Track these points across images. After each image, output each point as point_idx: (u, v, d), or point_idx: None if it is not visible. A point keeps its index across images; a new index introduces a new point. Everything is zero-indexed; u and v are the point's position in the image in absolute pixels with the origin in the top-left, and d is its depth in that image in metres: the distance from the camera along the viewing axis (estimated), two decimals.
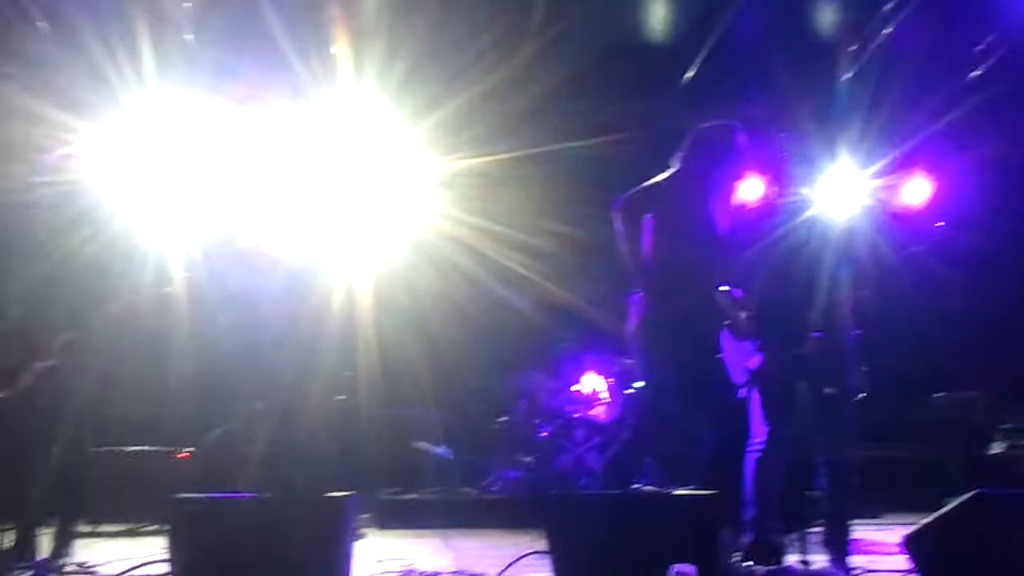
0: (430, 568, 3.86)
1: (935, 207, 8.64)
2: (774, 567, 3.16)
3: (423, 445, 7.06)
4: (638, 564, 3.03)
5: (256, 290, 5.41)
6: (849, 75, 7.82)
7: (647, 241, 3.85)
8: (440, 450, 7.07)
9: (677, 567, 2.41)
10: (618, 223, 3.81)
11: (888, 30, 7.22)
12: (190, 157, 5.70)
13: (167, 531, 3.11)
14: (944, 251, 8.42)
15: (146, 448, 6.23)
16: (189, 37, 6.15)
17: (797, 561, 3.63)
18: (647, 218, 3.85)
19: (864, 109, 7.64)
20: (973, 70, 7.26)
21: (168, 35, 6.04)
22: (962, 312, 8.01)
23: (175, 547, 3.07)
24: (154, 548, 3.58)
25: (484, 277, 7.54)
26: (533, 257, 7.43)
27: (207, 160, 5.85)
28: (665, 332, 3.71)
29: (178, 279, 4.92)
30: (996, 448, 7.62)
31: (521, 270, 7.42)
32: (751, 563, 3.40)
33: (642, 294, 3.80)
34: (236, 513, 3.07)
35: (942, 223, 6.99)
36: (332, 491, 3.29)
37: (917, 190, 8.77)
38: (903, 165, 8.67)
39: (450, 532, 5.58)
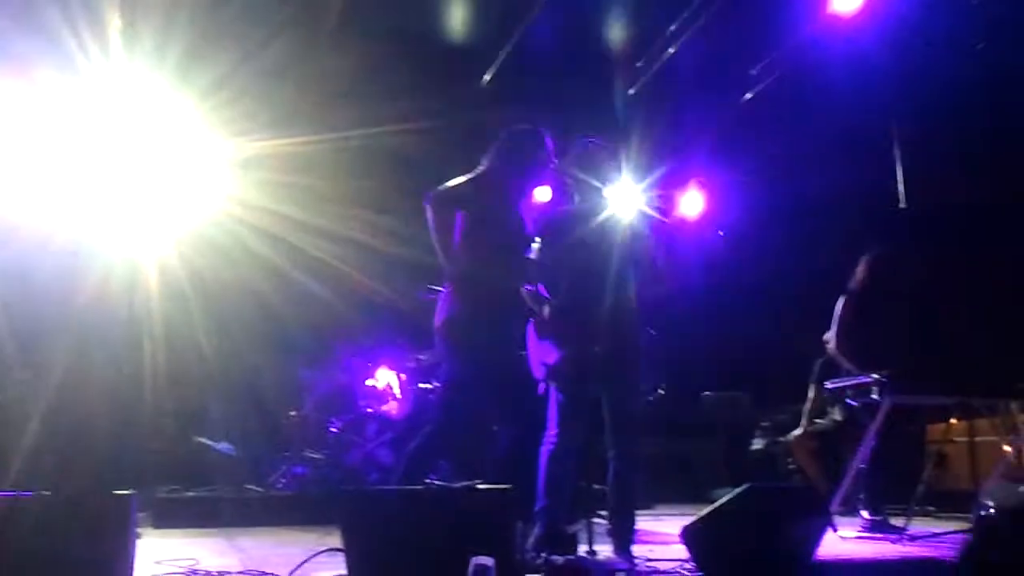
0: (215, 568, 3.70)
1: (708, 219, 9.26)
2: (567, 556, 3.26)
3: (205, 440, 6.77)
4: (434, 559, 3.05)
5: (27, 268, 5.01)
6: (632, 90, 8.22)
7: (457, 236, 3.88)
8: (223, 446, 6.81)
9: (476, 560, 2.44)
10: (430, 217, 3.82)
11: (672, 49, 7.65)
12: None
13: None
14: (713, 260, 9.03)
15: None
16: None
17: (585, 551, 3.77)
18: (458, 214, 3.88)
19: (644, 123, 8.06)
20: (746, 91, 7.81)
21: None
22: (728, 316, 8.59)
23: None
24: None
25: (278, 265, 7.34)
26: (333, 246, 7.30)
27: None
28: (471, 327, 3.75)
29: None
30: (757, 444, 8.23)
31: (319, 259, 7.28)
32: (544, 553, 3.50)
33: (450, 289, 3.82)
34: (10, 511, 2.82)
35: (722, 232, 7.49)
36: (105, 486, 3.09)
37: (692, 202, 9.40)
38: (679, 178, 9.24)
39: (234, 531, 5.39)
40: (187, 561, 3.80)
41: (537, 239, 4.07)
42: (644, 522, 5.08)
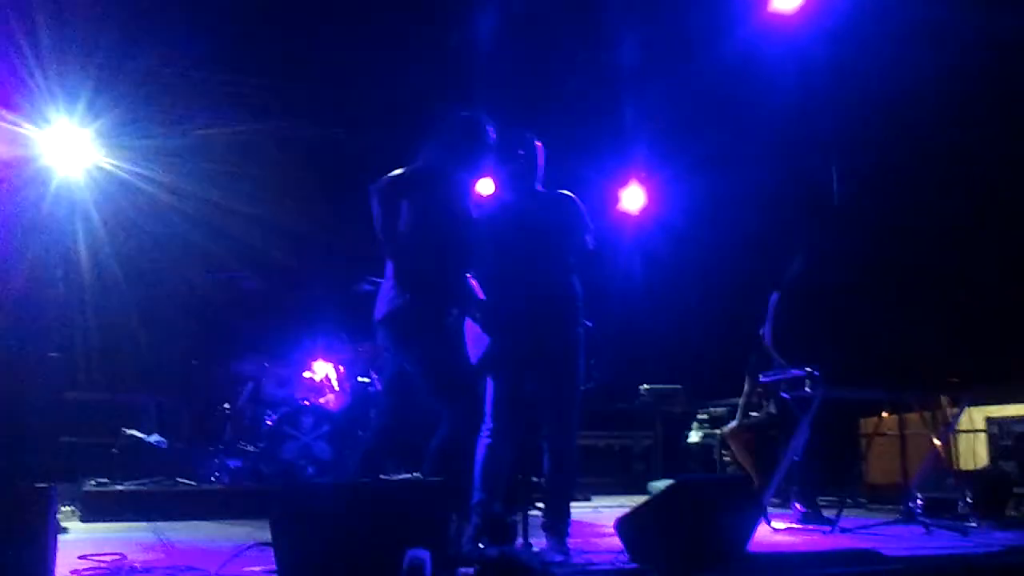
0: (141, 562, 3.60)
1: (648, 213, 9.33)
2: (504, 547, 3.24)
3: (134, 433, 6.61)
4: (366, 552, 3.01)
5: None
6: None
7: (402, 227, 3.83)
8: (152, 438, 6.65)
9: (411, 552, 2.41)
10: (375, 207, 3.75)
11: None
12: None
13: None
14: (653, 254, 9.11)
15: None
16: None
17: (520, 543, 3.76)
18: (403, 204, 3.83)
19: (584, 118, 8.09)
20: (687, 87, 7.87)
21: None
22: (664, 310, 8.67)
23: None
24: None
25: (220, 255, 7.21)
26: (269, 236, 7.20)
27: None
28: (415, 319, 3.70)
29: None
30: (693, 436, 8.31)
31: (254, 249, 7.17)
32: (481, 544, 3.48)
33: (393, 280, 3.77)
34: None
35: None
36: (31, 477, 2.99)
37: (633, 197, 9.47)
38: (621, 174, 9.29)
39: (164, 525, 5.27)
40: (112, 556, 3.70)
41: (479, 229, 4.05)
42: (581, 514, 5.09)
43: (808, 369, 5.04)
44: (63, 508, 5.57)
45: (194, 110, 7.44)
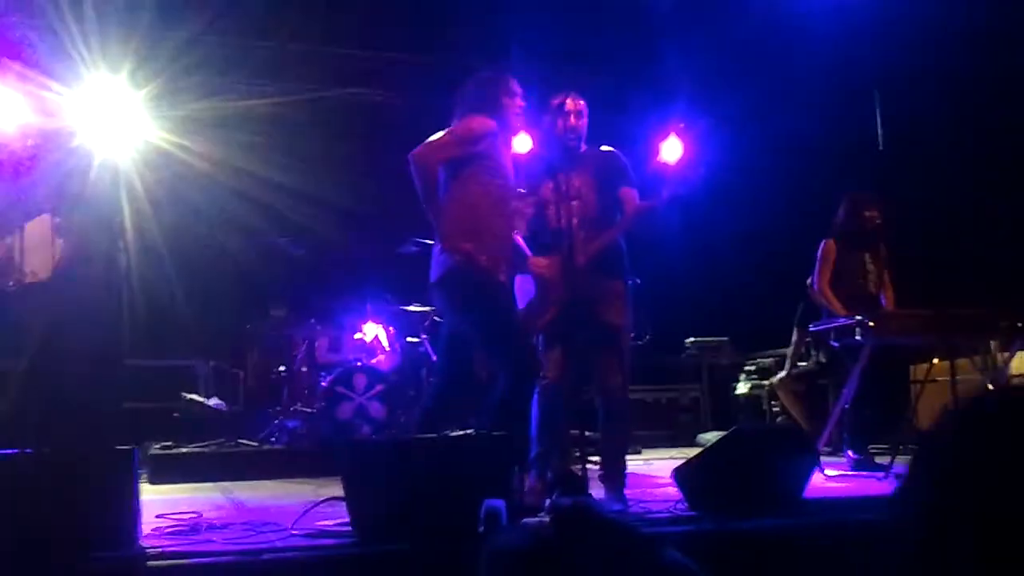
0: (217, 520, 3.75)
1: (689, 164, 9.27)
2: (577, 498, 3.33)
3: (194, 397, 6.80)
4: (436, 504, 3.12)
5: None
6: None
7: (443, 191, 3.89)
8: (213, 402, 6.84)
9: (488, 502, 2.51)
10: (415, 174, 3.80)
11: None
12: None
13: None
14: (696, 205, 9.06)
15: None
16: None
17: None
18: (441, 168, 3.87)
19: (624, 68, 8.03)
20: (728, 33, 7.79)
21: None
22: (710, 262, 8.66)
23: None
24: None
25: (263, 224, 7.32)
26: (316, 205, 7.29)
27: None
28: (466, 280, 3.77)
29: None
30: (741, 387, 8.35)
31: (303, 217, 7.26)
32: (554, 496, 3.58)
33: (441, 244, 3.83)
34: (15, 468, 2.85)
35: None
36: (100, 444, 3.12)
37: (672, 148, 9.40)
38: (660, 124, 9.23)
39: (228, 485, 5.45)
40: (188, 515, 3.85)
41: (521, 188, 4.10)
42: (633, 467, 5.18)
43: (857, 316, 5.05)
44: None
45: (238, 79, 7.51)
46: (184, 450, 6.14)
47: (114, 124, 7.04)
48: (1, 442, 3.13)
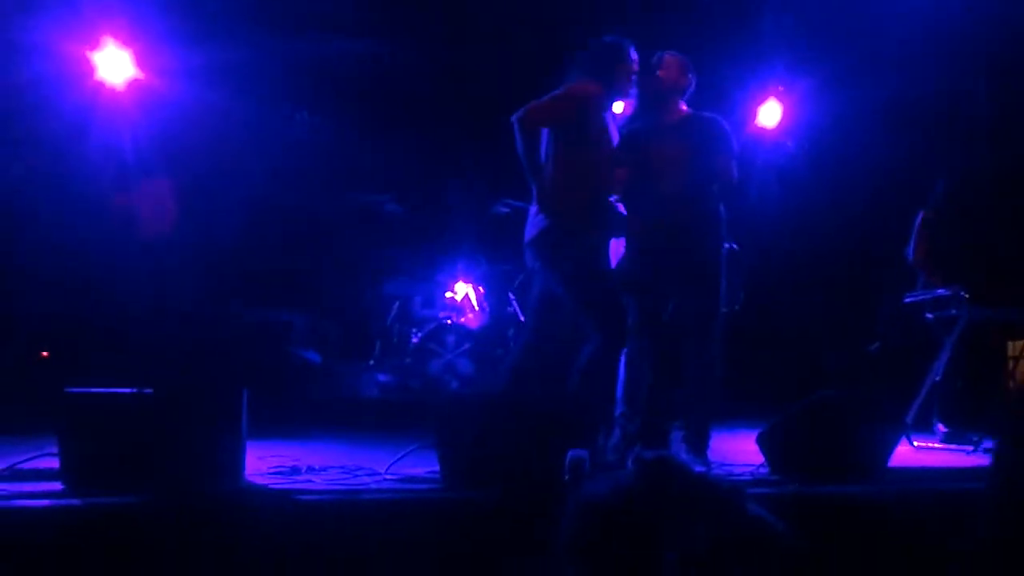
0: (317, 464, 3.95)
1: (787, 129, 9.12)
2: (661, 452, 3.42)
3: (293, 349, 7.07)
4: (521, 455, 3.25)
5: None
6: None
7: (544, 154, 3.96)
8: (310, 354, 7.10)
9: (573, 452, 2.62)
10: (517, 135, 3.88)
11: None
12: None
13: (57, 426, 3.10)
14: (791, 171, 8.92)
15: None
16: None
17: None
18: (544, 131, 3.95)
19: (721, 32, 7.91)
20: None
21: None
22: (804, 229, 8.53)
23: (65, 441, 3.07)
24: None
25: (355, 181, 7.50)
26: (410, 164, 7.42)
27: None
28: (562, 243, 3.86)
29: None
30: (831, 356, 8.25)
31: (397, 175, 7.40)
32: (637, 449, 3.66)
33: (539, 205, 3.92)
34: (129, 406, 3.08)
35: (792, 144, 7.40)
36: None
37: (770, 113, 9.24)
38: (757, 88, 9.08)
39: (324, 434, 5.67)
40: (290, 458, 4.06)
41: (619, 153, 4.14)
42: (716, 430, 5.21)
43: (954, 289, 4.97)
44: None
45: (333, 32, 7.55)
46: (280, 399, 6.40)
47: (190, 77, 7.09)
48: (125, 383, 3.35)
